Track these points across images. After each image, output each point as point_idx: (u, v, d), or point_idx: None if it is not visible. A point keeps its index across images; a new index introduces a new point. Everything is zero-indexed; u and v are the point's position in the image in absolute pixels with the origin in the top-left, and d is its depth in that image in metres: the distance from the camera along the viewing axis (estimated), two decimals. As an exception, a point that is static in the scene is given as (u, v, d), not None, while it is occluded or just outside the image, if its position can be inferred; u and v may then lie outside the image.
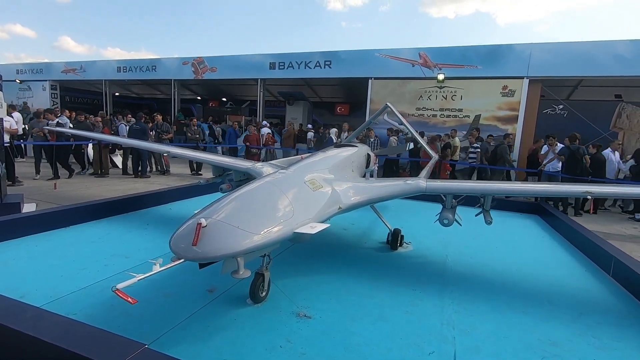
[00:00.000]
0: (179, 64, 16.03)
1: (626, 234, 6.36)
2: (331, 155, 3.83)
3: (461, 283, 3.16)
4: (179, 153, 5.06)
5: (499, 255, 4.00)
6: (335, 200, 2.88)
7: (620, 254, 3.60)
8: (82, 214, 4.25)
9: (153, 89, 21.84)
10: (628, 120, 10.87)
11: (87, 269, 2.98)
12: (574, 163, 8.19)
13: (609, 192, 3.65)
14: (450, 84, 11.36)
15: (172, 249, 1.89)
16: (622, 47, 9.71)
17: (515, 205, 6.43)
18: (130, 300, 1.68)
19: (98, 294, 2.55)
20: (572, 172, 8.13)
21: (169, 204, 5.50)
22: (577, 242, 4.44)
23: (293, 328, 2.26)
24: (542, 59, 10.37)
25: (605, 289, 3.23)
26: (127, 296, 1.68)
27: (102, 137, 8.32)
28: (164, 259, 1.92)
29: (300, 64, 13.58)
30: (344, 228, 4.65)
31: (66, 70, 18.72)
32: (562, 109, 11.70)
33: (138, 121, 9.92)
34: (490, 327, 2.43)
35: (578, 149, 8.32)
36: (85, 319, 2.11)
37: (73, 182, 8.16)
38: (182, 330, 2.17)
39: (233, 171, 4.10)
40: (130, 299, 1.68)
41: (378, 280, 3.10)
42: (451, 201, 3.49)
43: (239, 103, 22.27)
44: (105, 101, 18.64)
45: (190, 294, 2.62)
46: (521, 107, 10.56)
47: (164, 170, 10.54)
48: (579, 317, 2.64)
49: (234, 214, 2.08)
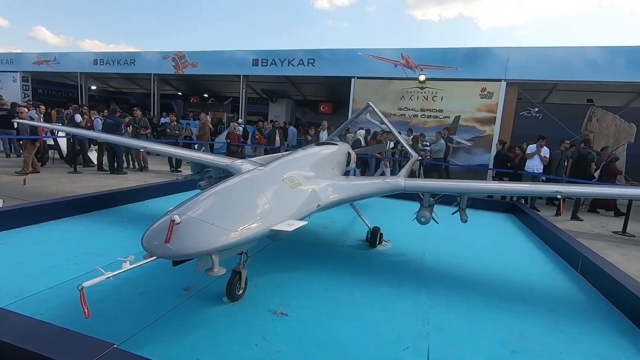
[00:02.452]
0: (159, 58, 15.63)
1: (594, 232, 6.63)
2: (312, 153, 3.83)
3: (437, 280, 3.22)
4: (156, 149, 4.94)
5: (474, 252, 4.10)
6: (314, 198, 2.88)
7: (587, 251, 3.76)
8: (53, 211, 4.09)
9: (132, 83, 21.21)
10: (598, 124, 11.35)
11: (57, 267, 2.88)
12: (582, 168, 8.02)
13: (577, 192, 3.80)
14: (431, 85, 11.54)
15: (144, 246, 1.85)
16: (594, 54, 10.12)
17: (491, 205, 6.61)
18: (86, 311, 1.56)
19: (67, 293, 2.46)
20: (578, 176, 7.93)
21: (146, 201, 5.37)
22: (549, 240, 4.60)
23: (269, 326, 2.25)
24: (519, 62, 10.68)
25: (573, 285, 3.36)
26: (85, 304, 1.57)
27: (76, 131, 8.02)
28: (137, 256, 1.86)
29: (283, 61, 13.49)
30: (324, 226, 4.66)
31: (39, 62, 17.94)
32: (537, 112, 12.08)
33: (111, 115, 9.60)
34: (464, 322, 2.49)
35: (588, 153, 8.14)
36: (52, 319, 2.04)
37: (44, 177, 7.84)
38: (155, 330, 2.12)
39: (212, 168, 4.04)
40: (86, 310, 1.56)
41: (356, 277, 3.12)
42: (429, 200, 3.55)
43: (221, 99, 21.94)
44: (81, 94, 17.99)
45: (165, 293, 2.57)
46: (499, 109, 10.85)
47: (141, 167, 10.26)
48: (548, 313, 2.74)
49: (210, 211, 2.04)
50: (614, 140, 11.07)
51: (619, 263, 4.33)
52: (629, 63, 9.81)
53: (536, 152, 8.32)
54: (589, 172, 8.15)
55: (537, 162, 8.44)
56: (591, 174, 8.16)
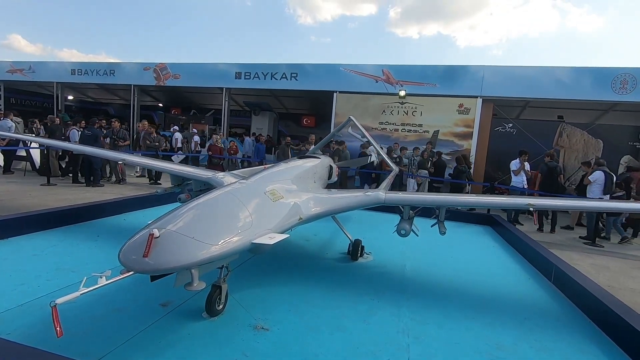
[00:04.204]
0: (139, 69, 15.45)
1: (566, 243, 6.89)
2: (294, 166, 3.86)
3: (417, 292, 3.27)
4: (135, 161, 4.86)
5: (453, 264, 4.19)
6: (295, 211, 2.90)
7: (560, 262, 3.91)
8: (23, 225, 3.93)
9: (111, 94, 20.80)
10: (568, 139, 11.92)
11: (26, 284, 2.76)
12: (550, 181, 8.18)
13: (549, 205, 3.97)
14: (411, 100, 11.88)
15: (121, 260, 1.81)
16: (563, 73, 10.71)
17: (469, 217, 6.78)
18: (59, 329, 1.51)
19: (37, 311, 2.36)
20: (548, 189, 8.01)
21: (123, 214, 5.23)
22: (523, 251, 4.76)
23: (250, 341, 2.22)
24: (494, 80, 11.17)
25: (546, 294, 3.48)
26: (57, 322, 1.51)
27: (51, 142, 7.78)
28: (113, 271, 1.82)
29: (266, 74, 13.59)
30: (306, 239, 4.66)
31: (12, 71, 17.38)
32: (511, 127, 12.58)
33: (89, 127, 9.39)
34: (442, 333, 2.54)
35: (556, 167, 8.32)
36: (21, 338, 1.95)
37: (15, 190, 7.52)
38: (131, 348, 2.06)
39: (193, 181, 3.99)
40: (59, 328, 1.51)
41: (338, 290, 3.13)
42: (409, 212, 3.62)
43: (203, 112, 21.78)
44: (57, 105, 17.48)
45: (142, 309, 2.50)
46: (475, 124, 11.25)
47: (119, 179, 10.01)
48: (523, 322, 2.82)
49: (190, 224, 2.03)
50: (583, 155, 11.61)
51: (589, 273, 4.52)
52: (594, 82, 10.42)
53: (521, 168, 8.46)
54: (559, 183, 8.41)
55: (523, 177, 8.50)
56: (561, 186, 8.40)
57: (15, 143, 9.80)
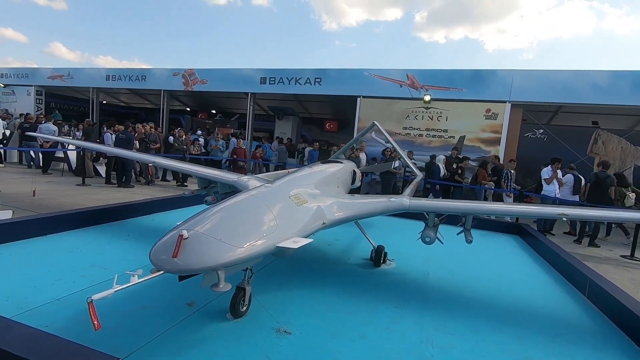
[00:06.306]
0: (169, 74, 16.03)
1: (602, 256, 6.54)
2: (317, 171, 3.88)
3: (441, 301, 3.19)
4: (164, 164, 5.03)
5: (479, 274, 4.06)
6: (319, 215, 2.91)
7: (595, 275, 3.71)
8: (60, 223, 4.14)
9: (142, 99, 21.69)
10: (604, 146, 11.35)
11: (63, 279, 2.90)
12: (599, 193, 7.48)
13: (584, 215, 3.79)
14: (436, 105, 11.68)
15: (152, 260, 1.87)
16: (599, 77, 10.22)
17: (496, 225, 6.56)
18: (96, 323, 1.60)
19: (73, 305, 2.48)
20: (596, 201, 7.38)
21: (152, 215, 5.41)
22: (555, 262, 4.55)
23: (272, 344, 2.24)
24: (524, 85, 10.81)
25: (580, 309, 3.31)
26: (95, 316, 1.60)
27: (88, 145, 8.19)
28: (144, 270, 1.89)
29: (290, 79, 13.77)
30: (329, 244, 4.65)
31: (53, 77, 18.48)
32: (542, 133, 12.13)
33: (124, 130, 9.85)
34: (468, 345, 2.46)
35: (607, 177, 7.56)
36: (57, 331, 2.05)
37: (53, 190, 7.95)
38: (158, 345, 2.12)
39: (218, 183, 4.09)
40: (96, 322, 1.60)
41: (360, 297, 3.10)
42: (433, 219, 3.55)
43: (228, 116, 22.30)
44: (92, 109, 18.41)
45: (168, 307, 2.58)
46: (503, 130, 10.91)
47: (148, 181, 10.40)
48: (554, 337, 2.69)
49: (217, 227, 2.07)
50: (620, 163, 11.03)
51: (628, 288, 4.27)
52: (632, 87, 9.89)
53: (553, 176, 8.12)
54: (608, 196, 7.65)
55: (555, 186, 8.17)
56: (611, 200, 7.62)
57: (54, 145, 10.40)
